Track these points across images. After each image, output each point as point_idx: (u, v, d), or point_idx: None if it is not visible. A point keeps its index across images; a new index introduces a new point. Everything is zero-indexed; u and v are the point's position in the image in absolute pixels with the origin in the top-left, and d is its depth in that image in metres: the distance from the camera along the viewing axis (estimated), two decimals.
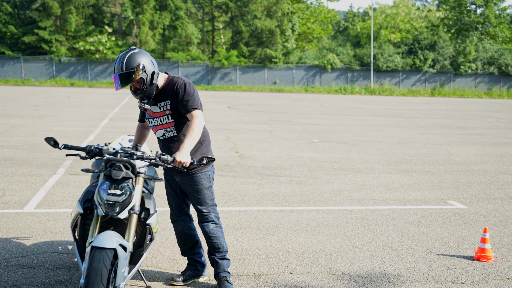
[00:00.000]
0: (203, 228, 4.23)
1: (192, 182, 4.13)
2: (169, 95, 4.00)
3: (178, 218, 4.31)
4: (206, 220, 4.22)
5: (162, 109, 4.02)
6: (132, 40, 41.53)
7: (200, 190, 4.15)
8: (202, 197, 4.17)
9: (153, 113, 4.07)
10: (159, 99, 4.02)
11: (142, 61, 3.85)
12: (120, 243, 3.40)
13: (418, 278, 4.57)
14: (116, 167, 3.59)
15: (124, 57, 3.84)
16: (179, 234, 4.34)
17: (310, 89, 39.78)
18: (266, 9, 42.97)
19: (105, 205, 3.56)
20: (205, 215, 4.21)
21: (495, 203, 7.36)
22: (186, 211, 4.33)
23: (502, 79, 43.34)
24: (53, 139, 3.75)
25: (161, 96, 4.02)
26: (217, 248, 4.25)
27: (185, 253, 4.39)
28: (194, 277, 4.35)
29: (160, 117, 4.04)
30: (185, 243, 4.35)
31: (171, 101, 3.99)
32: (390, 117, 20.16)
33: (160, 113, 4.03)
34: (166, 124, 4.05)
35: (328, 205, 6.93)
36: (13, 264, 4.57)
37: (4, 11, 40.39)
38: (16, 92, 28.67)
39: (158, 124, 4.07)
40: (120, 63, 3.82)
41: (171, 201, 4.32)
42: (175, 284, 4.26)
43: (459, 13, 46.76)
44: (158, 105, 4.03)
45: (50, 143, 3.75)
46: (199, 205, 4.19)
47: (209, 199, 4.21)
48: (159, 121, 4.06)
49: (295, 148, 11.63)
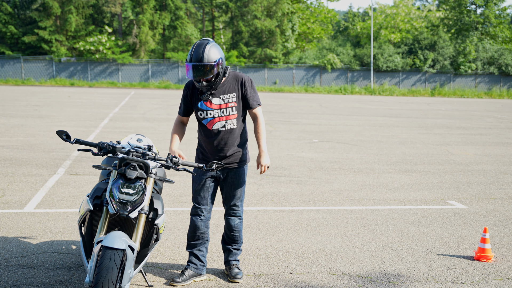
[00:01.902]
0: (228, 222, 4.41)
1: (238, 176, 4.35)
2: (234, 88, 4.22)
3: (201, 213, 4.37)
4: (235, 214, 4.42)
5: (226, 101, 4.20)
6: (132, 40, 41.53)
7: (241, 184, 4.38)
8: (240, 191, 4.39)
9: (215, 105, 4.19)
10: (223, 91, 4.19)
11: (221, 56, 4.06)
12: (129, 244, 3.42)
13: (418, 278, 4.57)
14: (131, 167, 3.60)
15: (205, 48, 3.97)
16: (195, 229, 4.37)
17: (310, 89, 39.78)
18: (266, 9, 42.97)
19: (116, 203, 3.56)
20: (236, 209, 4.41)
21: (495, 203, 7.36)
22: (211, 207, 4.42)
23: (502, 79, 43.34)
24: (65, 132, 3.74)
25: (226, 88, 4.20)
26: (236, 241, 4.48)
27: (191, 247, 4.41)
28: (194, 276, 4.36)
29: (224, 109, 4.20)
30: (198, 238, 4.39)
31: (237, 94, 4.22)
32: (390, 117, 20.16)
33: (224, 104, 4.20)
34: (230, 115, 4.22)
35: (328, 205, 6.93)
36: (13, 264, 4.57)
37: (4, 11, 40.37)
38: (16, 92, 28.67)
39: (220, 116, 4.20)
40: (202, 54, 3.94)
41: (201, 196, 4.34)
42: (176, 285, 4.26)
43: (459, 13, 46.75)
44: (221, 97, 4.19)
45: (62, 136, 3.74)
46: (235, 200, 4.38)
47: (243, 194, 4.47)
48: (220, 112, 4.20)
49: (295, 148, 11.63)
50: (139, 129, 13.99)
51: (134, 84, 38.54)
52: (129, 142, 4.36)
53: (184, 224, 5.87)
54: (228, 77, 4.24)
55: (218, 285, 4.31)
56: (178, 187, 7.57)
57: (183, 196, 7.10)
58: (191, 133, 13.48)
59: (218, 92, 4.20)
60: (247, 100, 4.27)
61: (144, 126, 14.72)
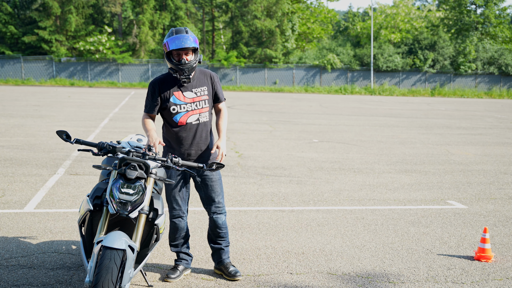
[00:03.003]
0: (216, 220, 4.42)
1: (216, 173, 4.38)
2: (204, 82, 4.33)
3: (183, 215, 4.43)
4: (221, 212, 4.45)
5: (198, 94, 4.29)
6: (132, 40, 41.53)
7: (219, 178, 4.42)
8: (220, 188, 4.43)
9: (188, 98, 4.26)
10: (194, 85, 4.29)
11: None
12: (129, 244, 3.42)
13: (418, 278, 4.57)
14: (131, 167, 3.60)
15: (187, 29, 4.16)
16: (179, 230, 4.43)
17: (310, 89, 39.77)
18: (266, 9, 42.96)
19: (117, 203, 3.57)
20: (220, 206, 4.44)
21: (495, 203, 7.36)
22: (187, 207, 4.49)
23: (502, 79, 43.34)
24: (65, 132, 3.75)
25: (197, 83, 4.30)
26: (224, 237, 4.49)
27: (178, 247, 4.50)
28: (184, 270, 4.48)
29: (197, 102, 4.28)
30: (182, 237, 4.48)
31: (207, 88, 4.33)
32: (390, 117, 20.16)
33: (198, 98, 4.28)
34: (203, 108, 4.30)
35: (328, 205, 6.93)
36: (13, 264, 4.57)
37: (4, 11, 40.37)
38: (16, 92, 28.67)
39: (193, 109, 4.26)
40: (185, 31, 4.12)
41: (180, 197, 4.37)
42: (171, 281, 4.33)
43: (459, 13, 46.74)
44: (193, 90, 4.27)
45: (62, 136, 3.75)
46: (218, 197, 4.41)
47: (223, 190, 4.49)
48: (194, 106, 4.27)
49: (295, 148, 11.63)
50: (139, 129, 13.99)
51: (134, 84, 38.54)
52: (129, 142, 4.35)
53: None
54: (198, 72, 4.34)
55: (218, 285, 4.31)
56: None
57: None
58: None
59: (190, 86, 4.28)
60: (217, 94, 4.40)
61: None
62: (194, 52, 4.17)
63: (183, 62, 4.11)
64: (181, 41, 4.07)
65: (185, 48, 4.08)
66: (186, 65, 4.12)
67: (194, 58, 4.16)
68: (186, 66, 4.12)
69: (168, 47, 4.10)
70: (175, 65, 4.12)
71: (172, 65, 4.15)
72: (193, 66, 4.15)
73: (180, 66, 4.11)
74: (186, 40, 4.08)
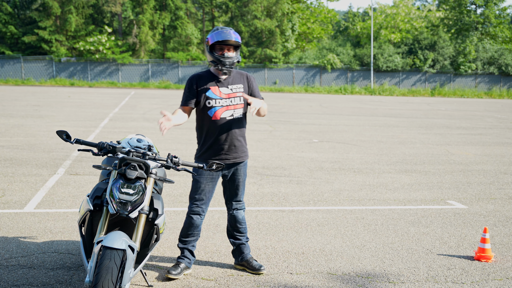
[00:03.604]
0: (236, 216, 4.57)
1: (244, 171, 4.54)
2: (241, 81, 4.48)
3: (202, 213, 4.50)
4: (241, 207, 4.62)
5: (234, 90, 4.42)
6: (132, 40, 41.52)
7: (245, 178, 4.58)
8: (244, 185, 4.57)
9: (224, 94, 4.37)
10: (231, 82, 4.43)
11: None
12: (129, 244, 3.42)
13: (418, 278, 4.57)
14: (131, 167, 3.61)
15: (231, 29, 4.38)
16: (193, 227, 4.48)
17: (310, 89, 39.77)
18: (266, 9, 42.96)
19: (117, 203, 3.56)
20: (242, 203, 4.61)
21: (495, 203, 7.36)
22: (208, 207, 4.58)
23: (502, 79, 43.33)
24: (65, 132, 3.75)
25: (233, 80, 4.45)
26: (244, 233, 4.64)
27: (185, 244, 4.52)
28: (185, 269, 4.49)
29: (232, 98, 4.40)
30: (193, 235, 4.51)
31: (244, 87, 4.47)
32: (390, 117, 20.16)
33: (233, 94, 4.41)
34: (237, 105, 4.42)
35: (328, 205, 6.93)
36: (13, 264, 4.57)
37: (4, 11, 40.37)
38: (16, 92, 28.67)
39: (228, 105, 4.38)
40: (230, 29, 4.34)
41: (204, 195, 4.45)
42: (172, 277, 4.35)
43: (459, 13, 46.74)
44: (229, 87, 4.41)
45: (62, 136, 3.75)
46: (240, 195, 4.58)
47: (245, 188, 4.68)
48: (229, 101, 4.39)
49: (295, 148, 11.63)
50: (139, 129, 13.99)
51: (134, 84, 38.54)
52: (129, 142, 4.35)
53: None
54: (233, 71, 4.45)
55: (218, 285, 4.31)
56: (178, 187, 7.57)
57: (183, 196, 7.10)
58: (191, 133, 13.48)
59: (226, 82, 4.41)
60: (253, 93, 4.52)
61: (144, 126, 14.72)
62: (235, 49, 4.33)
63: (226, 56, 4.28)
64: (226, 34, 4.26)
65: (229, 41, 4.25)
66: (228, 58, 4.28)
67: (235, 54, 4.34)
68: (228, 60, 4.28)
69: (213, 40, 4.27)
70: (216, 58, 4.28)
71: (213, 58, 4.30)
72: (234, 62, 4.32)
73: (222, 58, 4.27)
74: (231, 35, 4.27)
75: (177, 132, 13.44)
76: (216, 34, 4.28)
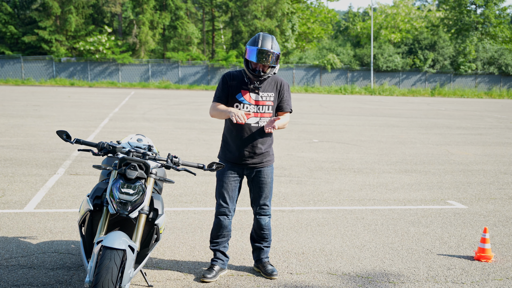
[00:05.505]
0: (259, 221, 4.47)
1: (267, 175, 4.41)
2: (273, 89, 4.31)
3: (229, 213, 4.43)
4: (265, 213, 4.49)
5: (263, 98, 4.28)
6: (132, 40, 41.52)
7: (269, 183, 4.44)
8: (269, 190, 4.44)
9: (252, 100, 4.26)
10: (263, 89, 4.28)
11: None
12: (129, 244, 3.42)
13: (418, 278, 4.57)
14: (131, 167, 3.60)
15: (273, 39, 4.10)
16: (222, 228, 4.43)
17: (310, 89, 39.78)
18: (266, 9, 42.96)
19: (117, 203, 3.56)
20: (266, 208, 4.47)
21: (495, 203, 7.36)
22: (235, 206, 4.50)
23: (502, 79, 43.34)
24: (65, 132, 3.74)
25: (266, 87, 4.29)
26: (266, 238, 4.55)
27: (217, 245, 4.49)
28: (220, 271, 4.45)
29: (260, 106, 4.27)
30: (223, 236, 4.47)
31: (274, 95, 4.32)
32: (390, 117, 20.16)
33: (262, 102, 4.27)
34: (265, 113, 4.29)
35: (328, 205, 6.93)
36: (13, 264, 4.57)
37: (4, 11, 40.37)
38: (16, 92, 28.67)
39: (255, 112, 4.26)
40: (271, 43, 4.06)
41: (229, 195, 4.39)
42: (208, 281, 4.31)
43: (459, 13, 46.75)
44: (260, 94, 4.25)
45: (62, 136, 3.74)
46: (264, 199, 4.44)
47: (272, 193, 4.53)
48: (256, 108, 4.27)
49: (295, 148, 11.63)
50: (139, 129, 13.99)
51: (134, 84, 38.54)
52: (129, 142, 4.35)
53: (184, 224, 5.87)
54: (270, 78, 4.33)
55: (218, 285, 4.31)
56: (178, 187, 7.57)
57: (183, 196, 7.10)
58: (191, 133, 13.47)
59: (259, 89, 4.29)
60: (282, 102, 4.37)
61: (144, 126, 14.72)
62: (272, 66, 4.17)
63: (258, 74, 4.16)
64: (262, 56, 4.08)
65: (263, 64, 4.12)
66: (260, 77, 4.17)
67: (270, 71, 4.19)
68: (259, 78, 4.17)
69: (249, 56, 4.12)
70: (249, 72, 4.17)
71: (247, 70, 4.19)
72: (265, 79, 4.20)
73: (253, 74, 4.16)
74: (267, 57, 4.08)
75: (177, 132, 13.45)
76: (252, 52, 4.09)
